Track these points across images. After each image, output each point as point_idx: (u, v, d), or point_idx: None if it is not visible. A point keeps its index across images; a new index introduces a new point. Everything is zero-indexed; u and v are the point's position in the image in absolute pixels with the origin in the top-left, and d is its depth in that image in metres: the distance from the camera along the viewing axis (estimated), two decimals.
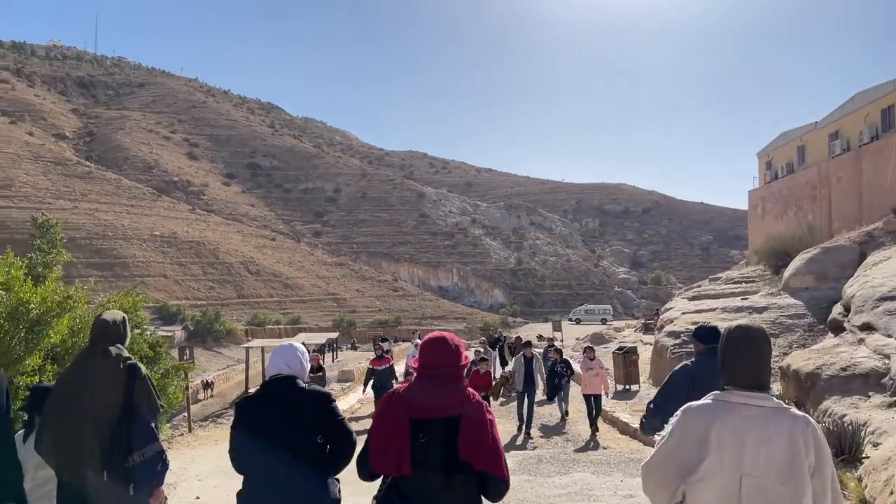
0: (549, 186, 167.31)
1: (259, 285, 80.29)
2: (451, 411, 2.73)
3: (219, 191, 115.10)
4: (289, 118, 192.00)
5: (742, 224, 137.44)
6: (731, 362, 2.41)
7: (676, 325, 15.40)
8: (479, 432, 2.69)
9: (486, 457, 2.67)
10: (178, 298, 68.76)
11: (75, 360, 3.68)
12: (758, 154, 36.38)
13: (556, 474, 8.23)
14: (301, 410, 3.17)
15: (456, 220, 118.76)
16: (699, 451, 2.25)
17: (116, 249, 74.08)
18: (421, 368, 2.92)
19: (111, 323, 3.68)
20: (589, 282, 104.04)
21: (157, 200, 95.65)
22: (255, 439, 3.14)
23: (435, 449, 2.69)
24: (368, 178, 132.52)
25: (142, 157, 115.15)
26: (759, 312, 14.33)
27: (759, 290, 17.16)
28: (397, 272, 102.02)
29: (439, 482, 2.69)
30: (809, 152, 29.60)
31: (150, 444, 3.45)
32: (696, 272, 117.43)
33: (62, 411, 3.46)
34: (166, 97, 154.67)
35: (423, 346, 2.98)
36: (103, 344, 3.60)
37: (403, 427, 2.70)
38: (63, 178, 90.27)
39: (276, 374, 3.34)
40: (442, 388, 2.81)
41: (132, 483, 3.36)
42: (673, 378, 4.65)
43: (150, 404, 3.57)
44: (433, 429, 2.71)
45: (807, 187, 26.55)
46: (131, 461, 3.37)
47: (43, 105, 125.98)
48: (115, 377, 3.48)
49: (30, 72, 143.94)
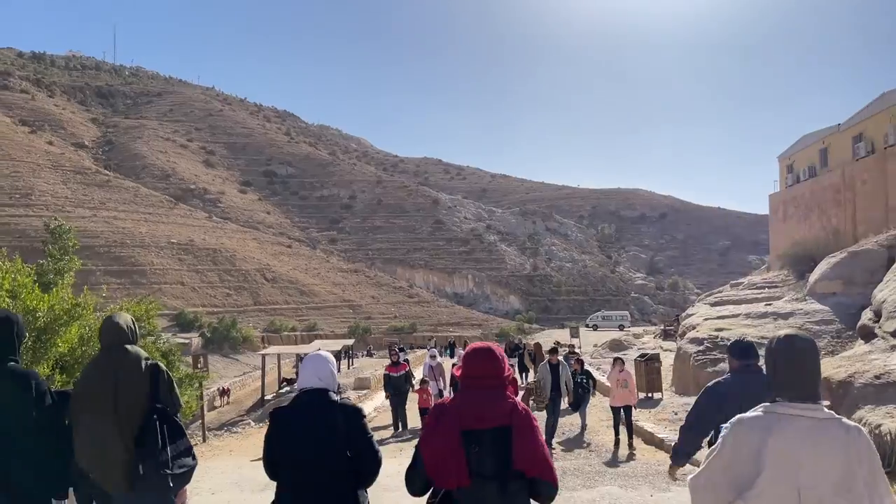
0: (565, 192, 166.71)
1: (275, 292, 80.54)
2: (501, 421, 2.81)
3: (235, 198, 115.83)
4: (304, 126, 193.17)
5: (760, 229, 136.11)
6: (780, 374, 2.34)
7: (699, 332, 15.01)
8: (530, 440, 2.79)
9: (537, 463, 2.77)
10: (195, 306, 69.11)
11: (93, 363, 3.65)
12: (779, 157, 35.67)
13: (581, 488, 7.88)
14: (333, 425, 3.19)
15: (471, 226, 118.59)
16: (754, 465, 2.21)
17: (134, 257, 74.68)
18: (465, 379, 2.97)
19: (121, 326, 3.66)
20: (605, 288, 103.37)
21: (174, 208, 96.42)
22: (289, 450, 3.18)
23: (487, 458, 2.77)
24: (383, 185, 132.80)
25: (159, 166, 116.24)
26: (784, 318, 13.98)
27: (783, 295, 16.78)
28: (412, 279, 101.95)
29: (494, 490, 2.77)
30: (832, 155, 28.91)
31: (180, 438, 3.52)
32: (714, 278, 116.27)
33: (88, 414, 3.45)
34: (183, 106, 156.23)
35: (467, 357, 3.02)
36: (118, 344, 3.59)
37: (456, 440, 2.77)
38: (82, 186, 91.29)
39: (308, 387, 3.33)
40: (489, 398, 2.87)
41: (168, 477, 3.40)
42: (699, 402, 4.47)
43: (174, 402, 3.62)
44: (484, 439, 2.78)
45: (830, 191, 25.95)
46: (164, 455, 3.41)
47: (62, 114, 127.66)
48: (138, 377, 3.49)
49: (49, 82, 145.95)
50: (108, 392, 3.44)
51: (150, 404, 3.48)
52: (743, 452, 2.25)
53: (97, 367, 3.58)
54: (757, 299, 17.58)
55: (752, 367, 4.39)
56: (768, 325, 13.76)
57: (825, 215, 25.94)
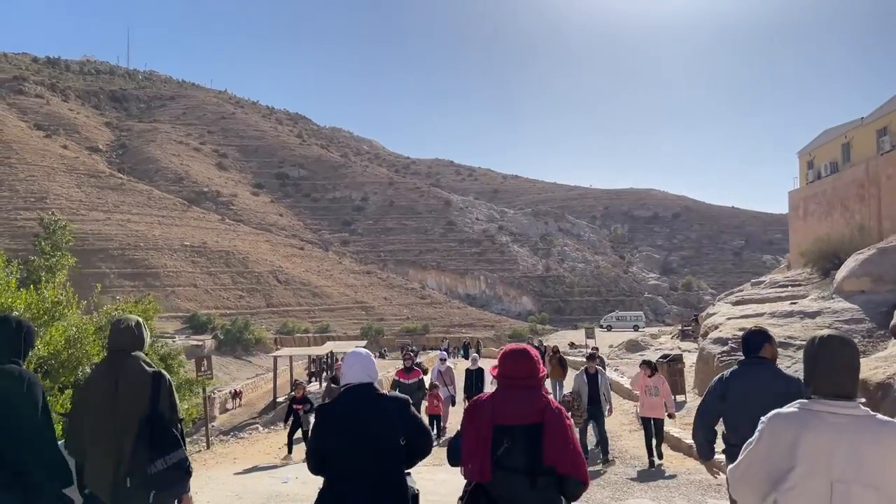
0: (577, 192, 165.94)
1: (288, 294, 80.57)
2: (533, 418, 2.95)
3: (248, 201, 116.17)
4: (316, 128, 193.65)
5: (774, 228, 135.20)
6: (818, 372, 2.40)
7: (723, 332, 14.38)
8: (560, 438, 2.91)
9: (567, 460, 2.89)
10: (209, 308, 69.23)
11: (99, 367, 3.66)
12: (798, 153, 34.97)
13: (611, 500, 7.60)
14: (386, 415, 3.31)
15: (483, 227, 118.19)
16: (788, 459, 2.28)
17: (148, 260, 74.97)
18: (501, 378, 3.12)
19: (127, 328, 3.64)
20: (619, 288, 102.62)
21: (187, 211, 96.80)
22: (344, 444, 3.25)
23: (518, 453, 2.91)
24: (395, 187, 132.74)
25: (172, 169, 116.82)
26: (811, 318, 13.50)
27: (808, 293, 16.23)
28: (425, 280, 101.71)
29: (523, 484, 2.89)
30: (855, 150, 28.24)
31: (174, 451, 3.46)
32: (728, 277, 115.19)
33: (88, 417, 3.47)
34: (196, 109, 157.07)
35: (504, 357, 3.17)
36: (123, 351, 3.59)
37: (486, 436, 2.94)
38: (96, 189, 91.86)
39: (355, 382, 3.44)
40: (524, 396, 3.03)
41: (153, 490, 3.36)
42: (708, 391, 4.59)
43: (173, 412, 3.56)
44: (516, 434, 2.93)
45: (854, 186, 25.34)
46: (154, 468, 3.37)
47: (77, 119, 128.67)
48: (140, 386, 3.48)
49: (64, 86, 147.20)
50: (108, 400, 3.44)
51: (149, 414, 3.45)
52: (778, 446, 2.31)
53: (100, 373, 3.58)
54: (780, 298, 17.05)
55: (758, 358, 4.45)
56: (795, 325, 13.27)
57: (848, 211, 25.32)
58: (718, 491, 7.44)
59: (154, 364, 3.74)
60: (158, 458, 3.40)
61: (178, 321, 64.69)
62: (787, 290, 18.42)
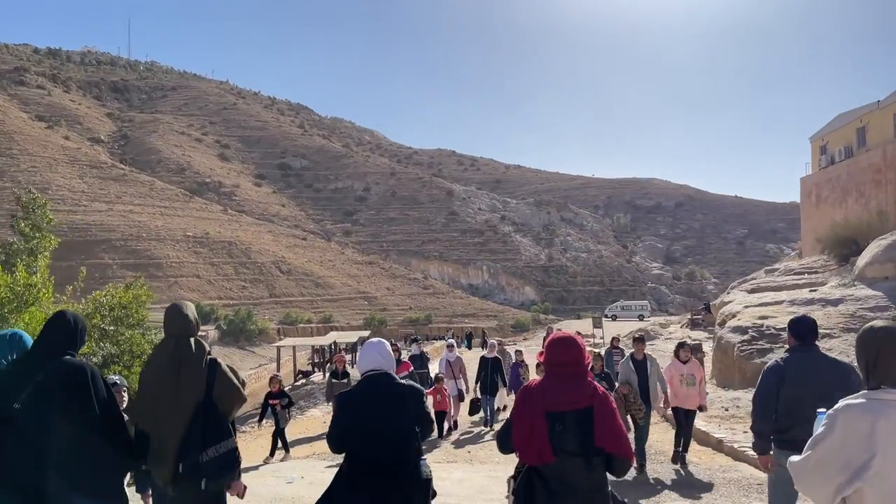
0: (579, 182, 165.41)
1: (291, 284, 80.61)
2: (583, 403, 3.11)
3: (250, 191, 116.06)
4: (318, 118, 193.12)
5: (777, 217, 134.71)
6: (880, 361, 2.43)
7: (742, 320, 13.94)
8: (609, 421, 3.09)
9: (616, 441, 3.08)
10: (211, 298, 69.29)
11: (161, 351, 3.73)
12: (810, 139, 34.12)
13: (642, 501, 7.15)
14: (403, 401, 3.52)
15: (485, 217, 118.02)
16: (866, 449, 2.33)
17: (150, 250, 74.97)
18: (549, 366, 3.28)
19: (187, 316, 3.72)
20: (621, 278, 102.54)
21: (189, 201, 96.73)
22: (360, 427, 3.45)
23: (571, 437, 3.06)
24: (397, 177, 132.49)
25: (174, 159, 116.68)
26: (833, 305, 13.15)
27: (827, 280, 15.92)
28: (427, 270, 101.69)
29: (578, 465, 3.05)
30: (871, 134, 27.40)
31: (224, 440, 3.51)
32: (731, 266, 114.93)
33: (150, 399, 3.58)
34: (198, 100, 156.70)
35: (551, 345, 3.33)
36: (183, 336, 3.66)
37: (541, 421, 3.07)
38: (98, 180, 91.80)
39: (372, 370, 3.64)
40: (572, 383, 3.17)
41: (204, 478, 3.43)
42: (761, 382, 4.51)
43: (227, 401, 3.62)
44: (567, 419, 3.08)
45: (870, 171, 24.64)
46: (206, 456, 3.43)
47: (78, 110, 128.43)
48: (198, 374, 3.56)
49: (65, 77, 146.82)
50: (170, 386, 3.52)
51: (204, 401, 3.52)
52: (853, 436, 2.34)
53: (163, 357, 3.65)
54: (798, 285, 16.70)
55: (811, 346, 4.46)
56: (816, 313, 12.83)
57: (864, 197, 24.72)
58: (761, 490, 6.85)
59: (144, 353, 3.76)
60: (211, 446, 3.45)
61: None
62: (803, 277, 18.01)
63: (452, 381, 12.59)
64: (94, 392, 3.38)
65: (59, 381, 3.34)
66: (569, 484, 3.06)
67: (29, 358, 3.47)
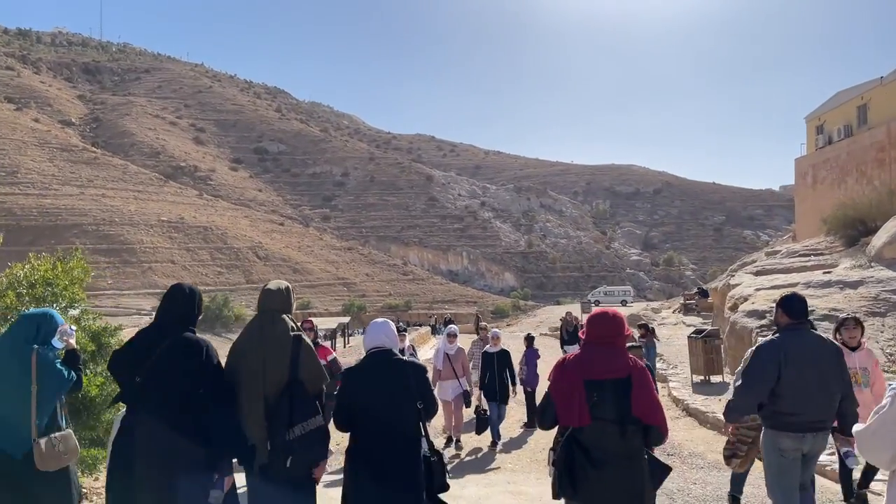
0: (559, 168, 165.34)
1: (268, 270, 79.54)
2: (620, 373, 3.28)
3: (226, 176, 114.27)
4: (295, 102, 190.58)
5: (754, 204, 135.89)
6: None
7: (756, 304, 13.15)
8: (647, 393, 3.29)
9: (653, 412, 3.27)
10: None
11: (250, 327, 3.75)
12: (806, 118, 33.11)
13: None
14: (405, 378, 3.64)
15: (465, 203, 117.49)
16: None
17: (123, 235, 73.45)
18: (589, 338, 3.45)
19: (277, 290, 3.80)
20: (601, 264, 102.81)
21: (164, 186, 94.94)
22: (367, 402, 3.57)
23: (607, 405, 3.23)
24: (376, 162, 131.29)
25: (148, 143, 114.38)
26: (852, 288, 12.64)
27: (837, 262, 15.42)
28: (407, 256, 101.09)
29: (613, 432, 3.22)
30: (873, 111, 26.44)
31: (311, 417, 3.50)
32: (709, 253, 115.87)
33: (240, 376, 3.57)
34: (172, 82, 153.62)
35: (592, 319, 3.51)
36: (274, 311, 3.71)
37: (580, 388, 3.26)
38: (69, 164, 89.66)
39: (376, 347, 3.77)
40: (610, 354, 3.35)
41: (290, 455, 3.40)
42: (761, 355, 4.33)
43: (316, 378, 3.63)
44: (605, 388, 3.25)
45: (872, 150, 23.96)
46: (292, 434, 3.41)
47: (49, 91, 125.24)
48: (282, 350, 3.56)
49: (35, 58, 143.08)
50: (258, 365, 3.54)
51: (289, 378, 3.52)
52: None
53: (251, 334, 3.69)
54: (806, 267, 16.15)
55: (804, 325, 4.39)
56: (835, 296, 12.43)
57: (865, 177, 24.07)
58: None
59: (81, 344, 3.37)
60: (297, 423, 3.44)
61: (154, 298, 63.55)
62: (809, 259, 17.50)
63: (454, 380, 9.17)
64: (207, 369, 3.45)
65: (175, 355, 3.41)
66: (605, 450, 3.22)
67: (150, 331, 3.56)
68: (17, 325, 3.94)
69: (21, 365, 3.69)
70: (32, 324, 3.86)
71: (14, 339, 3.82)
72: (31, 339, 3.79)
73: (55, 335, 3.90)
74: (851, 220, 17.67)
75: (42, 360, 3.73)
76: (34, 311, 4.08)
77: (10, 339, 3.84)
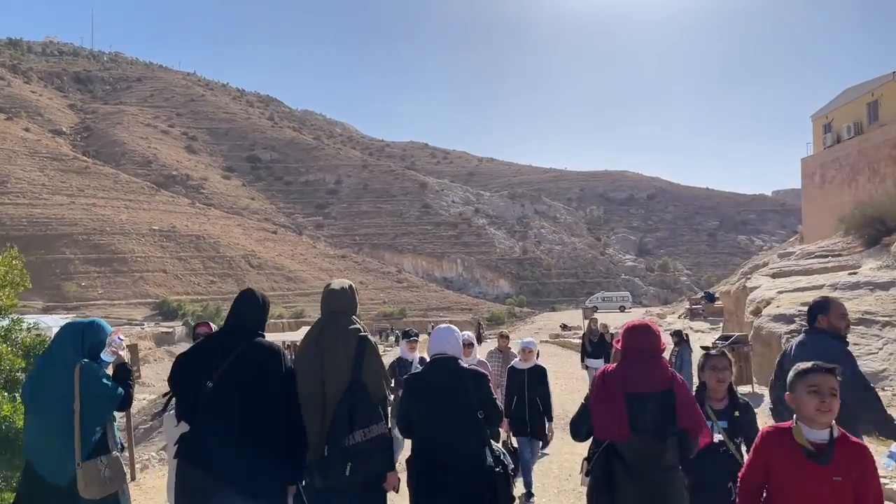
0: (553, 175, 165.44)
1: (261, 279, 78.87)
2: (661, 386, 3.27)
3: (218, 184, 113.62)
4: (288, 111, 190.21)
5: (748, 210, 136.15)
6: None
7: (782, 307, 12.35)
8: (690, 406, 3.30)
9: (696, 425, 3.28)
10: (178, 293, 67.46)
11: (314, 329, 3.63)
12: (812, 117, 32.39)
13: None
14: (464, 387, 3.60)
15: (459, 209, 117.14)
16: None
17: (114, 245, 72.71)
18: (626, 350, 3.42)
19: (342, 290, 3.67)
20: (595, 270, 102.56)
21: (155, 195, 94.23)
22: (425, 411, 3.58)
23: (648, 417, 3.21)
24: (370, 170, 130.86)
25: (140, 152, 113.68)
26: (883, 289, 12.04)
27: (859, 263, 14.93)
28: (401, 264, 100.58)
29: (652, 444, 3.21)
30: (885, 107, 25.78)
31: (374, 423, 3.35)
32: (703, 258, 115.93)
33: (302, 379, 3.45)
34: (164, 91, 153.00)
35: (629, 331, 3.47)
36: (339, 313, 3.59)
37: (620, 401, 3.24)
38: (60, 173, 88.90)
39: (438, 354, 3.76)
40: (650, 366, 3.34)
41: (349, 462, 3.25)
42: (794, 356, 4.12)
43: (379, 381, 3.47)
44: (645, 400, 3.24)
45: (885, 147, 23.28)
46: (352, 440, 3.27)
47: (39, 101, 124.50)
48: (347, 348, 3.44)
49: (26, 68, 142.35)
50: (317, 367, 3.42)
51: (351, 381, 3.38)
52: None
53: (314, 335, 3.57)
54: (827, 268, 15.59)
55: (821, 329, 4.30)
56: (866, 298, 11.79)
57: (878, 175, 23.38)
58: None
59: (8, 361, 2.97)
60: (357, 429, 3.29)
61: (146, 307, 62.91)
62: (828, 260, 16.95)
63: None
64: (282, 374, 3.40)
65: (251, 360, 3.34)
66: (644, 461, 3.19)
67: (222, 336, 3.50)
68: (61, 337, 3.68)
69: (64, 381, 3.44)
70: (77, 335, 3.61)
71: (57, 353, 3.57)
72: (76, 352, 3.53)
73: (104, 348, 3.65)
74: (870, 219, 17.05)
75: (86, 376, 3.47)
76: (79, 322, 3.82)
77: (52, 353, 3.61)
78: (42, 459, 3.41)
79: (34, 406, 3.54)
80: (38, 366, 3.66)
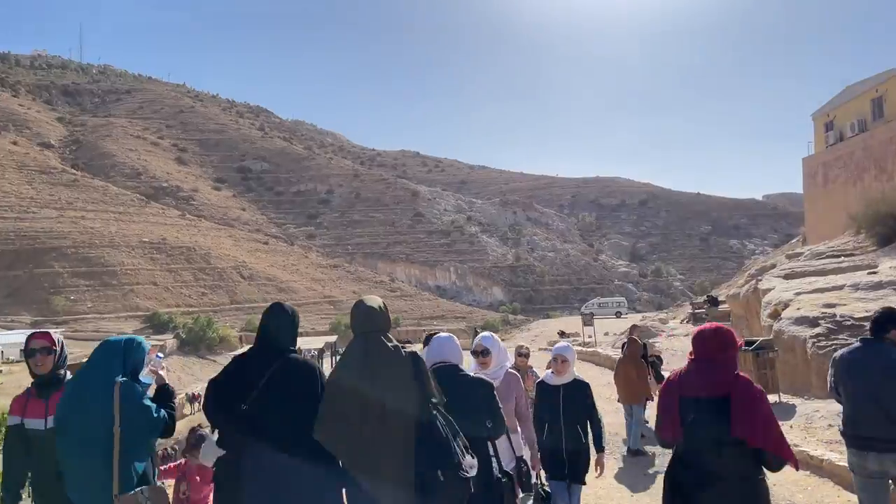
0: (545, 181, 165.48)
1: (252, 290, 78.24)
2: (719, 391, 3.12)
3: (209, 195, 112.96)
4: (278, 121, 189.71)
5: (740, 214, 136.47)
6: None
7: (803, 310, 11.69)
8: (749, 411, 3.03)
9: (757, 433, 3.00)
10: (169, 306, 66.73)
11: (354, 351, 3.22)
12: (813, 115, 31.86)
13: None
14: (471, 394, 3.47)
15: (451, 217, 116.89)
16: None
17: (104, 257, 71.91)
18: (693, 355, 3.37)
19: (378, 307, 3.35)
20: (589, 276, 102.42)
21: (145, 207, 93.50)
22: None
23: (703, 424, 3.10)
24: (361, 179, 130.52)
25: (129, 164, 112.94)
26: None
27: (875, 262, 14.49)
28: (394, 272, 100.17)
29: (711, 452, 3.06)
30: (890, 104, 25.36)
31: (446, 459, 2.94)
32: (696, 263, 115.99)
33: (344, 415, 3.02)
34: (153, 103, 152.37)
35: (698, 336, 3.36)
36: (377, 332, 3.24)
37: (675, 404, 3.25)
38: (48, 186, 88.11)
39: (439, 362, 3.62)
40: (710, 370, 3.22)
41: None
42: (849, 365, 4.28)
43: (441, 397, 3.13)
44: (701, 406, 3.13)
45: (892, 144, 22.88)
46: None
47: (28, 114, 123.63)
48: (400, 369, 3.08)
49: (14, 81, 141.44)
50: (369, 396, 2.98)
51: (420, 397, 3.04)
52: None
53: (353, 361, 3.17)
54: (841, 268, 15.08)
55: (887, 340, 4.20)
56: (891, 298, 11.14)
57: (885, 173, 22.93)
58: None
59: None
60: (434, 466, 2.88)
61: (136, 320, 62.16)
62: (841, 260, 16.42)
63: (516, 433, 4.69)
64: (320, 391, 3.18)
65: (287, 378, 3.16)
66: (705, 470, 3.06)
67: (255, 356, 3.28)
68: (99, 354, 3.39)
69: (102, 403, 3.16)
70: (117, 353, 3.35)
71: (94, 373, 3.29)
72: (115, 371, 3.26)
73: (143, 367, 3.41)
74: (884, 217, 16.66)
75: (126, 397, 3.19)
76: (118, 338, 3.57)
77: (89, 373, 3.31)
78: (74, 490, 3.12)
79: (68, 430, 3.21)
80: (72, 386, 3.35)
